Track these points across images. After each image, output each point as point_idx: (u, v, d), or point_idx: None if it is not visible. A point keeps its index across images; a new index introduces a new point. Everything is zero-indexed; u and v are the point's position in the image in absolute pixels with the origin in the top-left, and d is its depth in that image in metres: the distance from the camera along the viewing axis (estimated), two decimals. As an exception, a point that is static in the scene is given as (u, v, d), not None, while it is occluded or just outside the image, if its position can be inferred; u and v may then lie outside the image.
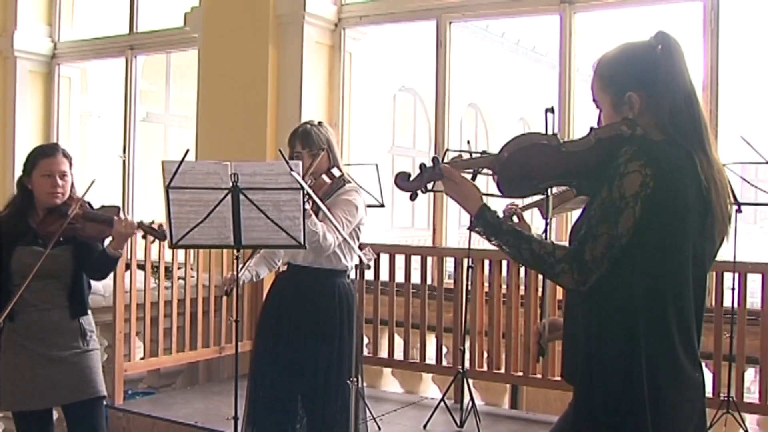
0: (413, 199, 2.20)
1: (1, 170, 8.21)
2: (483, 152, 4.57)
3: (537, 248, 2.02)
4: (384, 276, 5.69)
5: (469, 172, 2.21)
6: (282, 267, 4.02)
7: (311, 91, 6.41)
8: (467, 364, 5.11)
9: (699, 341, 2.10)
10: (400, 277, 5.70)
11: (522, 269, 5.14)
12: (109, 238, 3.55)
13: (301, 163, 3.66)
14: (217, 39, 6.59)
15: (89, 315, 3.70)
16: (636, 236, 1.96)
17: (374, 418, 4.62)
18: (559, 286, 2.08)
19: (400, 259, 5.70)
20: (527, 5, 6.03)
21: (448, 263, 5.79)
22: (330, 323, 3.72)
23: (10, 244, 3.53)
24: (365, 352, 5.77)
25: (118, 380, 5.17)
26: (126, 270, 5.10)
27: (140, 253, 5.42)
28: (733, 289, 4.55)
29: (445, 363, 5.64)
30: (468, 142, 5.11)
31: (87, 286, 3.70)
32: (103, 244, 3.61)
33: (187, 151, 3.30)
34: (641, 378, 1.97)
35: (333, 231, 3.51)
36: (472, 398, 4.92)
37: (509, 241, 2.06)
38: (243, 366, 3.79)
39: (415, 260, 5.69)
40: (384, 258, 5.65)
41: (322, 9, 6.47)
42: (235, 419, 3.59)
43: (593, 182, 2.09)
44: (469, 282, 5.24)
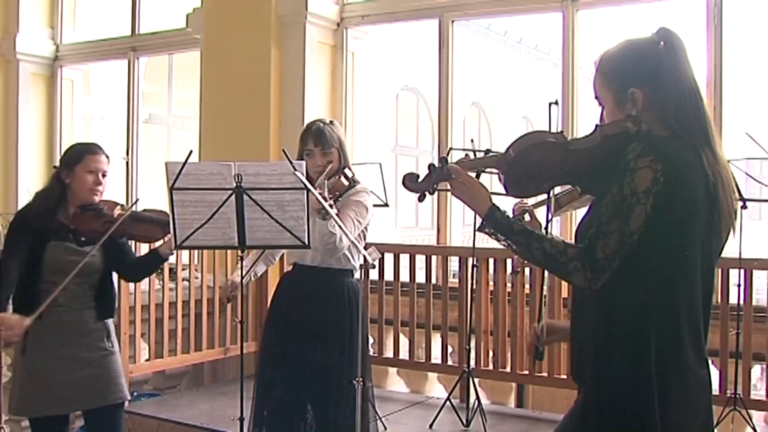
0: (421, 200, 2.18)
1: (5, 172, 8.22)
2: (487, 151, 4.60)
3: (549, 247, 1.99)
4: (389, 276, 5.68)
5: (473, 172, 2.18)
6: (287, 267, 4.01)
7: (314, 91, 6.40)
8: (473, 363, 5.09)
9: (706, 338, 2.09)
10: (405, 277, 5.71)
11: (527, 268, 5.14)
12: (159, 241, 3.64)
13: (311, 162, 3.65)
14: (219, 40, 6.59)
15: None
16: (646, 232, 1.95)
17: (380, 418, 4.61)
18: (572, 285, 2.06)
19: (405, 259, 5.70)
20: (529, 3, 6.02)
21: (453, 262, 5.78)
22: (339, 322, 3.70)
23: (44, 239, 3.48)
24: (370, 352, 5.76)
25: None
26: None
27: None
28: (739, 286, 4.54)
29: (451, 362, 5.63)
30: (471, 141, 5.10)
31: (114, 289, 3.72)
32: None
33: (191, 152, 3.29)
34: (650, 376, 1.96)
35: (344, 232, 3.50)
36: (478, 397, 4.91)
37: (520, 242, 2.03)
38: (248, 367, 3.79)
39: (420, 260, 5.68)
40: (388, 258, 5.63)
41: (324, 9, 6.46)
42: (241, 420, 3.58)
43: (598, 180, 2.08)
44: (474, 281, 5.23)
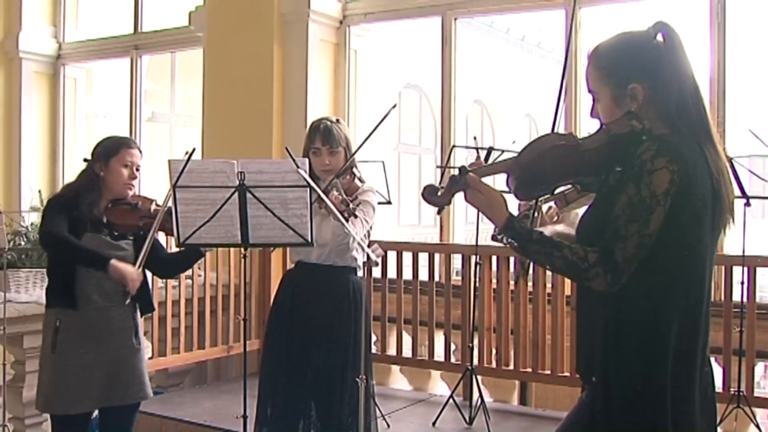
0: (440, 213, 2.17)
1: (8, 170, 8.22)
2: (490, 148, 4.60)
3: (569, 254, 1.96)
4: (392, 273, 5.67)
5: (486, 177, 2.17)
6: (290, 264, 4.01)
7: (316, 89, 6.40)
8: (476, 361, 5.09)
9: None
10: (408, 275, 5.70)
11: (531, 265, 5.13)
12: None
13: (318, 161, 3.65)
14: (222, 38, 6.59)
15: (138, 312, 3.72)
16: (660, 232, 1.93)
17: (383, 416, 4.61)
18: (593, 289, 1.99)
19: (408, 257, 5.69)
20: (532, 0, 6.01)
21: (456, 260, 5.78)
22: (343, 320, 3.70)
23: (79, 229, 3.49)
24: (373, 350, 5.76)
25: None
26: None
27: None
28: (743, 284, 4.53)
29: (454, 360, 5.63)
30: (474, 139, 5.10)
31: (148, 282, 3.76)
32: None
33: (193, 150, 3.29)
34: (664, 375, 1.95)
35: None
36: (481, 395, 4.91)
37: (539, 250, 1.99)
38: (251, 364, 3.79)
39: (423, 257, 5.67)
40: (391, 255, 5.64)
41: (327, 6, 6.46)
42: (244, 418, 3.58)
43: (601, 177, 2.08)
44: (477, 279, 5.23)
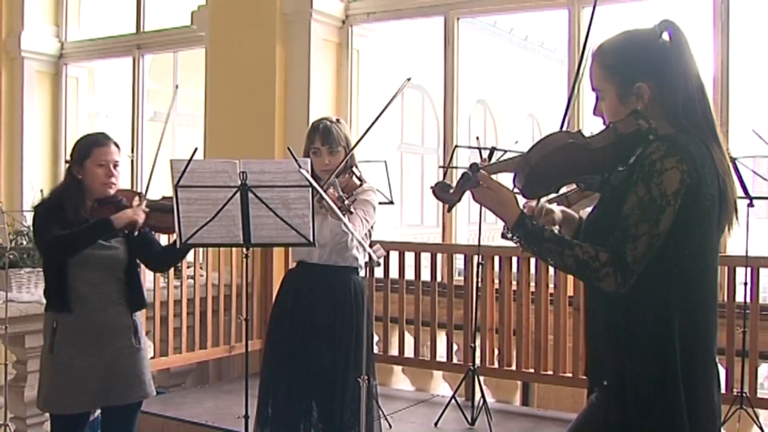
0: (450, 211, 2.15)
1: (10, 170, 8.23)
2: (492, 148, 4.59)
3: (581, 253, 1.94)
4: (394, 274, 5.67)
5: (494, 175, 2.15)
6: (292, 264, 4.00)
7: (319, 89, 6.39)
8: (478, 362, 5.09)
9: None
10: (410, 275, 5.69)
11: (532, 266, 5.12)
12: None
13: (318, 160, 3.64)
14: (225, 37, 6.58)
15: (139, 312, 3.68)
16: (670, 232, 1.92)
17: (385, 416, 4.61)
18: (602, 289, 1.97)
19: (410, 257, 5.68)
20: (535, 0, 5.99)
21: (458, 260, 5.77)
22: (345, 320, 3.69)
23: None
24: (375, 350, 5.76)
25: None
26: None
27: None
28: (746, 284, 4.53)
29: (456, 360, 5.62)
30: (477, 139, 5.10)
31: (140, 281, 3.71)
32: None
33: (196, 150, 3.29)
34: (677, 375, 1.94)
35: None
36: (483, 395, 4.90)
37: (551, 249, 1.97)
38: (253, 365, 3.78)
39: (425, 257, 5.67)
40: (393, 255, 5.63)
41: (329, 6, 6.45)
42: (246, 418, 3.58)
43: (604, 177, 2.07)
44: (479, 279, 5.22)
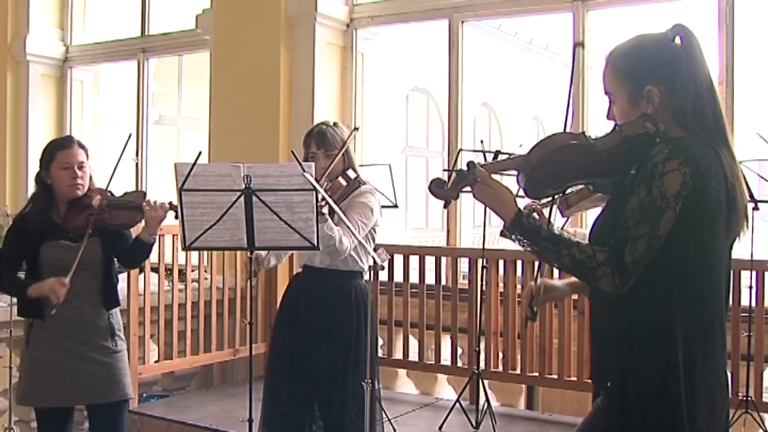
0: (446, 207, 2.15)
1: (15, 174, 8.23)
2: (497, 152, 4.58)
3: (577, 253, 1.95)
4: (398, 277, 5.66)
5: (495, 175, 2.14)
6: (296, 268, 4.01)
7: (323, 92, 6.39)
8: (482, 365, 5.07)
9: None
10: (415, 278, 5.68)
11: (536, 269, 5.11)
12: (141, 224, 3.56)
13: (316, 165, 3.64)
14: (229, 41, 6.59)
15: (118, 314, 3.69)
16: (672, 235, 1.92)
17: (389, 420, 4.59)
18: (601, 289, 1.98)
19: (415, 260, 5.68)
20: (540, 3, 5.99)
21: (463, 264, 5.77)
22: (347, 324, 3.70)
23: (38, 241, 3.50)
24: (380, 354, 5.75)
25: (133, 383, 5.15)
26: (140, 273, 5.10)
27: (153, 256, 5.41)
28: (751, 288, 4.51)
29: (460, 364, 5.61)
30: (481, 142, 5.08)
31: (116, 278, 3.70)
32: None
33: (200, 153, 3.29)
34: (678, 378, 1.94)
35: (349, 234, 3.49)
36: (488, 399, 4.89)
37: (548, 247, 1.97)
38: (257, 368, 3.78)
39: (430, 261, 5.66)
40: (398, 259, 5.62)
41: (334, 9, 6.45)
42: (250, 421, 3.57)
43: (615, 179, 2.06)
44: (484, 282, 5.21)
